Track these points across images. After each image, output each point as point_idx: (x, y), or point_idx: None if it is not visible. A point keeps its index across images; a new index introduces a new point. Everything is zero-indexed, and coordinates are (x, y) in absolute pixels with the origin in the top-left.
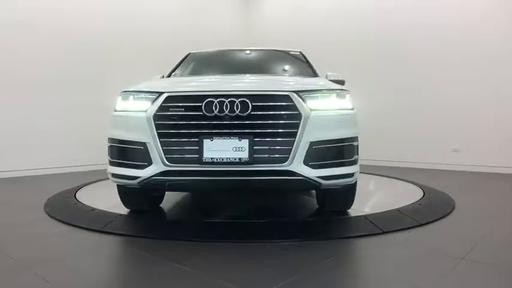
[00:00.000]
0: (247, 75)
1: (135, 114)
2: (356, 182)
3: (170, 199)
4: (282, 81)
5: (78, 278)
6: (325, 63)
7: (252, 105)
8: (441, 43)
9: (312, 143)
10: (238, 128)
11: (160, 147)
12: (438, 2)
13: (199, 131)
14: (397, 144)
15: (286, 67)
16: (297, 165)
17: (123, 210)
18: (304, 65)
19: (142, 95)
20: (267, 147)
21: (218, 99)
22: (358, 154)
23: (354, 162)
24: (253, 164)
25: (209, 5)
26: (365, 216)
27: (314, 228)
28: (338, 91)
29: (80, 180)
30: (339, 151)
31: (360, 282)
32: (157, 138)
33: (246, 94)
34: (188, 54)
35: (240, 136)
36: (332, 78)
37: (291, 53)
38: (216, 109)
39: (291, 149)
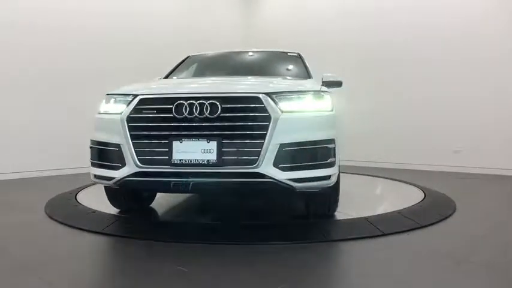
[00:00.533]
0: (235, 77)
1: (112, 117)
2: (338, 185)
3: (170, 201)
4: (254, 83)
5: (79, 280)
6: (325, 64)
7: (221, 107)
8: (441, 43)
9: (281, 145)
10: (207, 129)
11: (132, 149)
12: (438, 2)
13: (169, 132)
14: (398, 145)
15: (282, 68)
16: (266, 167)
17: (125, 212)
18: (299, 67)
19: (120, 97)
20: (235, 149)
21: (188, 102)
22: (335, 156)
23: (330, 165)
24: (222, 166)
25: (209, 5)
26: (366, 218)
27: (314, 230)
28: (314, 92)
29: (81, 182)
30: (311, 153)
31: (360, 284)
32: (130, 140)
33: (215, 96)
34: (187, 57)
35: (209, 138)
36: (328, 80)
37: (289, 54)
38: (186, 111)
39: (260, 151)
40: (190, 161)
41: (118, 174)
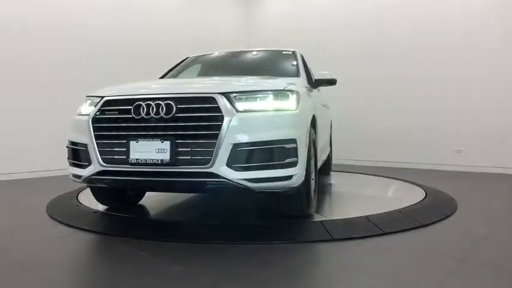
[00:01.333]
0: (223, 77)
1: (82, 118)
2: (309, 186)
3: (172, 201)
4: (211, 83)
5: (81, 280)
6: (325, 63)
7: (176, 107)
8: (442, 44)
9: (235, 145)
10: (161, 130)
11: (96, 149)
12: (439, 2)
13: (127, 133)
14: (399, 145)
15: (274, 67)
16: (219, 167)
17: (126, 212)
18: (291, 65)
19: (91, 99)
20: (189, 149)
21: (146, 103)
22: (296, 157)
23: (290, 165)
24: (175, 165)
25: (210, 4)
26: (366, 217)
27: (315, 230)
28: (276, 92)
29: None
30: (266, 153)
31: (361, 283)
32: (94, 140)
33: (171, 97)
34: (186, 58)
35: (162, 138)
36: (319, 78)
37: (283, 52)
38: (143, 112)
39: (213, 151)
40: (146, 161)
41: (85, 172)
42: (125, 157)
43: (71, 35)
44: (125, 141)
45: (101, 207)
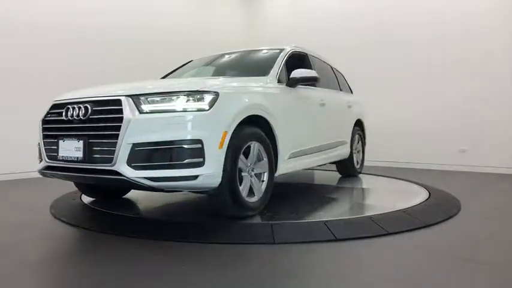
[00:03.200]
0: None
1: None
2: (234, 187)
3: (174, 201)
4: (121, 86)
5: (83, 280)
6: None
7: (91, 110)
8: (444, 44)
9: (134, 145)
10: (78, 130)
11: (43, 146)
12: (440, 3)
13: (58, 133)
14: (403, 145)
15: (249, 67)
16: (120, 165)
17: (129, 211)
18: (266, 63)
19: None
20: (99, 148)
21: (72, 106)
22: (202, 157)
23: (195, 165)
24: (87, 162)
25: (211, 4)
26: (370, 217)
27: (318, 230)
28: (189, 92)
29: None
30: (166, 153)
31: (364, 283)
32: (42, 139)
33: (88, 100)
34: (190, 61)
35: (79, 138)
36: (295, 76)
37: (271, 51)
38: (69, 114)
39: (115, 150)
40: (68, 158)
41: (39, 166)
42: (56, 154)
43: (78, 36)
44: (56, 140)
45: (106, 208)
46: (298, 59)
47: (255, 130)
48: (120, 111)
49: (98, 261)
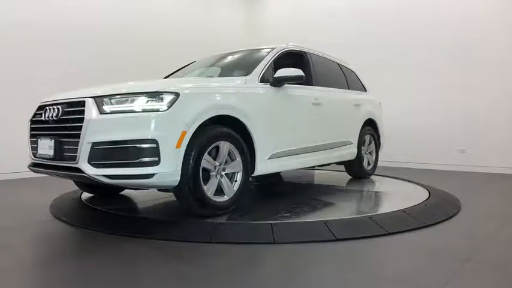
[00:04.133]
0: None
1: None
2: (197, 186)
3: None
4: (90, 88)
5: (84, 279)
6: None
7: (62, 111)
8: (445, 44)
9: (93, 144)
10: (52, 130)
11: (30, 144)
12: (440, 2)
13: (37, 132)
14: (403, 145)
15: (238, 66)
16: (82, 163)
17: (129, 211)
18: (251, 63)
19: None
20: (66, 147)
21: (49, 107)
22: (158, 156)
23: (149, 164)
24: (57, 160)
25: (212, 4)
26: (370, 217)
27: (317, 230)
28: (149, 93)
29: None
30: (122, 152)
31: (364, 283)
32: (29, 138)
33: (60, 102)
34: (193, 62)
35: (51, 137)
36: (282, 75)
37: (262, 50)
38: (46, 115)
39: (77, 148)
40: (43, 155)
41: (29, 163)
42: (36, 152)
43: (78, 37)
44: (36, 139)
45: (106, 207)
46: (294, 58)
47: (223, 130)
48: (82, 112)
49: (98, 261)
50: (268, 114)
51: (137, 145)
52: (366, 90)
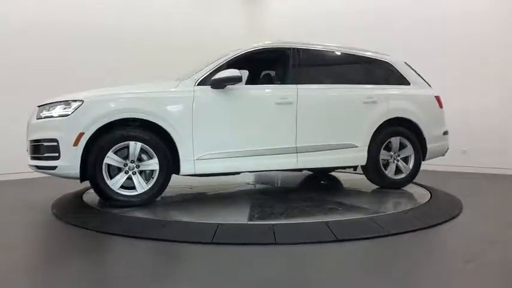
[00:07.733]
0: None
1: None
2: (94, 178)
3: (176, 201)
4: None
5: (85, 279)
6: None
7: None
8: (445, 44)
9: (31, 141)
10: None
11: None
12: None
13: None
14: None
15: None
16: (28, 156)
17: (130, 212)
18: (199, 66)
19: None
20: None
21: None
22: (58, 152)
23: (52, 158)
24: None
25: (213, 4)
26: (371, 218)
27: (320, 230)
28: (64, 101)
29: (87, 182)
30: (36, 148)
31: (366, 284)
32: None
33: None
34: None
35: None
36: (219, 77)
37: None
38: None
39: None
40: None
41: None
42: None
43: (78, 36)
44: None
45: (107, 208)
46: (273, 56)
47: (132, 131)
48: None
49: (98, 261)
50: (199, 115)
51: (44, 143)
52: (409, 84)
